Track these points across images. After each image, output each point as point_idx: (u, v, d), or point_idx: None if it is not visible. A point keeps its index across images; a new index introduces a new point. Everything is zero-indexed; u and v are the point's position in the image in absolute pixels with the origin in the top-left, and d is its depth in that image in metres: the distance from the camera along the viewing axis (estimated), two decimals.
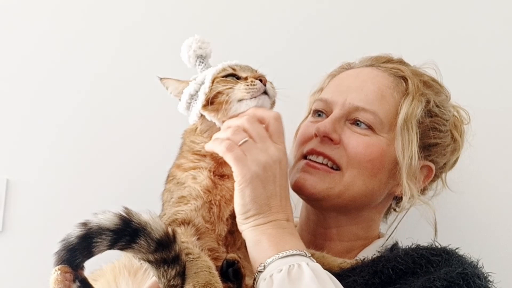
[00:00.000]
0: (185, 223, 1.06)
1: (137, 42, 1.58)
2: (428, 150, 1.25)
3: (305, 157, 1.24)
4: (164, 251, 0.92)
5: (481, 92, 1.60)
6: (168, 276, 0.92)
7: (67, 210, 1.48)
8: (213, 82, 1.13)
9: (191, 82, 1.16)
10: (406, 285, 1.04)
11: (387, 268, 1.07)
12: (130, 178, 1.53)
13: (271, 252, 1.01)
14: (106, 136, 1.55)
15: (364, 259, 1.14)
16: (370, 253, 1.19)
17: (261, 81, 1.12)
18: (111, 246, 0.91)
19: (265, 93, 1.12)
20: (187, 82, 1.17)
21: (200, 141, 1.14)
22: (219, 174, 1.11)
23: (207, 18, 1.60)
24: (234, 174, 1.04)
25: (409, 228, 1.31)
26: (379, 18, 1.65)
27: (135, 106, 1.56)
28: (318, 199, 1.22)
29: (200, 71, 1.17)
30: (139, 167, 1.53)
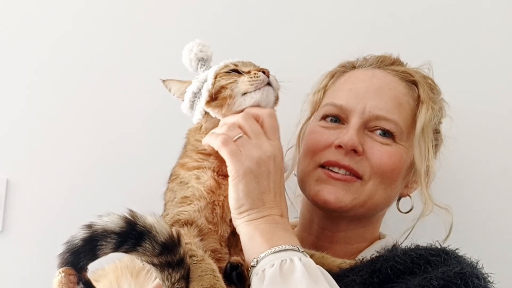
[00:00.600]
0: (188, 224, 1.05)
1: (141, 45, 1.58)
2: (435, 152, 1.28)
3: (321, 166, 1.21)
4: (169, 255, 0.92)
5: (477, 92, 1.60)
6: (172, 279, 0.92)
7: (67, 210, 1.48)
8: (215, 78, 1.12)
9: (194, 80, 1.15)
10: (403, 284, 1.03)
11: (385, 267, 1.07)
12: (130, 178, 1.52)
13: (264, 247, 1.01)
14: (107, 136, 1.54)
15: (363, 259, 1.15)
16: (370, 254, 1.18)
17: (264, 73, 1.11)
18: (116, 249, 0.91)
19: (269, 84, 1.11)
20: (190, 81, 1.16)
21: None
22: (223, 174, 1.10)
23: (207, 19, 1.59)
24: (228, 169, 1.05)
25: (408, 228, 1.31)
26: (378, 15, 1.65)
27: (136, 107, 1.56)
28: (344, 211, 1.20)
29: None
30: (140, 168, 1.53)
